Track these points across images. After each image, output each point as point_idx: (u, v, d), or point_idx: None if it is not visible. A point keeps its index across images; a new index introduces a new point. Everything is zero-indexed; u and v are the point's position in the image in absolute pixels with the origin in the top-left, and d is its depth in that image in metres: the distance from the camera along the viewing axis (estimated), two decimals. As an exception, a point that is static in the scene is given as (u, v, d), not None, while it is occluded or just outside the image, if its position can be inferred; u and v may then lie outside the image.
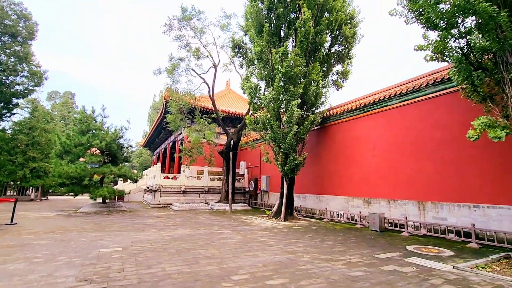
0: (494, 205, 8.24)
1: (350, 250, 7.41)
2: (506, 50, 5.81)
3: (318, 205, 15.28)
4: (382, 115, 12.30)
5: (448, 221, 9.34)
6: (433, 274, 5.45)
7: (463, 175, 9.09)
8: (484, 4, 5.45)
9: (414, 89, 10.83)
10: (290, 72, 12.57)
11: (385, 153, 11.89)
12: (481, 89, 6.63)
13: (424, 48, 7.49)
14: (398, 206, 11.11)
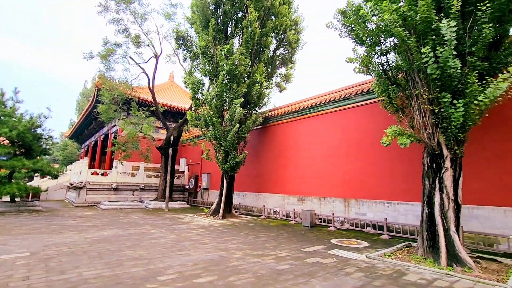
0: (402, 202, 9.61)
1: (281, 245, 7.81)
2: (414, 70, 6.80)
3: (257, 203, 15.70)
4: (318, 119, 13.24)
5: (367, 216, 10.56)
6: (349, 263, 6.10)
7: (380, 176, 10.37)
8: (398, 29, 6.28)
9: (346, 97, 11.94)
10: (235, 71, 12.62)
11: (319, 155, 12.84)
12: (395, 102, 7.66)
13: (353, 61, 8.30)
14: (327, 203, 12.12)
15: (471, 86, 5.85)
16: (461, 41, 6.16)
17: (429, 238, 6.75)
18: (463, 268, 5.91)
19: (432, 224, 6.70)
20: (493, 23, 5.89)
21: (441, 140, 6.65)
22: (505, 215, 7.53)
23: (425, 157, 7.13)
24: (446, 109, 6.12)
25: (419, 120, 6.90)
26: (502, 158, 7.72)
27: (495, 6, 5.70)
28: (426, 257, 6.62)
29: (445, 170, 6.62)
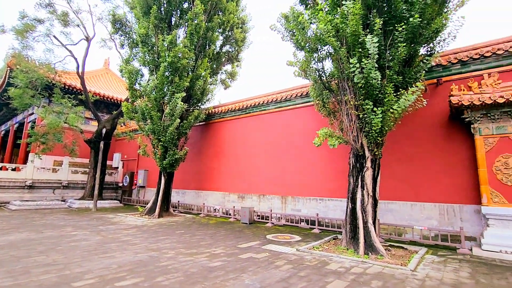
0: (332, 198, 10.48)
1: (217, 242, 7.78)
2: (344, 78, 7.47)
3: (197, 201, 15.36)
4: (261, 118, 13.56)
5: (301, 212, 11.23)
6: (280, 257, 6.40)
7: (314, 175, 11.13)
8: (332, 39, 6.82)
9: (287, 99, 12.49)
10: (177, 63, 12.10)
11: (261, 153, 13.16)
12: (328, 106, 8.31)
13: (293, 64, 8.73)
14: (266, 201, 12.51)
15: (388, 96, 6.68)
16: (382, 56, 6.98)
17: (351, 230, 7.50)
18: (376, 255, 6.71)
19: (354, 217, 7.45)
20: (407, 43, 6.82)
21: (364, 143, 7.44)
22: (411, 208, 8.81)
23: (351, 158, 7.90)
24: (368, 115, 6.85)
25: (347, 123, 7.61)
26: (411, 160, 9.01)
27: (408, 28, 6.59)
28: (348, 248, 7.34)
29: (366, 169, 7.43)
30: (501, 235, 7.05)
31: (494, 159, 7.37)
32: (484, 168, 7.47)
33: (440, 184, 8.44)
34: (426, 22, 6.94)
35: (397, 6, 6.78)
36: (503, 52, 7.92)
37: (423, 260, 6.59)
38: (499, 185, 7.24)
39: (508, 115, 7.31)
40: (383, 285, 4.89)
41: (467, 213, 7.94)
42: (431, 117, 8.82)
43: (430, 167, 8.66)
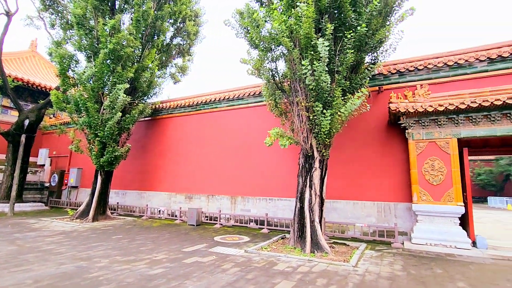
0: (282, 198, 10.59)
1: (160, 247, 7.17)
2: (296, 79, 7.56)
3: (139, 202, 14.19)
4: (212, 116, 13.11)
5: (251, 212, 11.12)
6: (227, 259, 6.13)
7: (265, 174, 11.12)
8: (285, 39, 6.83)
9: (239, 97, 12.29)
10: (120, 51, 10.98)
11: (211, 152, 12.71)
12: (280, 106, 8.34)
13: (247, 62, 8.55)
14: (215, 201, 12.12)
15: (337, 99, 6.94)
16: (332, 60, 7.24)
17: (299, 229, 7.60)
18: (322, 253, 6.90)
19: (302, 217, 7.57)
20: (355, 50, 7.18)
21: (313, 144, 7.62)
22: (354, 207, 9.35)
23: (300, 158, 8.03)
24: (318, 116, 7.02)
25: (298, 124, 7.71)
26: (354, 162, 9.57)
27: (356, 36, 6.94)
28: (295, 247, 7.42)
29: (315, 169, 7.62)
30: (427, 230, 7.88)
31: (423, 161, 8.22)
32: (415, 169, 8.27)
33: (379, 184, 9.12)
34: (372, 32, 7.41)
35: (346, 14, 7.10)
36: (432, 67, 8.90)
37: (363, 255, 6.98)
38: (427, 184, 8.08)
39: (435, 122, 8.22)
40: (328, 283, 4.97)
41: (400, 210, 8.72)
42: (373, 121, 9.50)
43: (371, 168, 9.31)
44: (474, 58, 8.43)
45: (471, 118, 7.84)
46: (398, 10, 7.97)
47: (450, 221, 7.75)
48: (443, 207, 7.76)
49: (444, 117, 8.07)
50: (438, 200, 7.87)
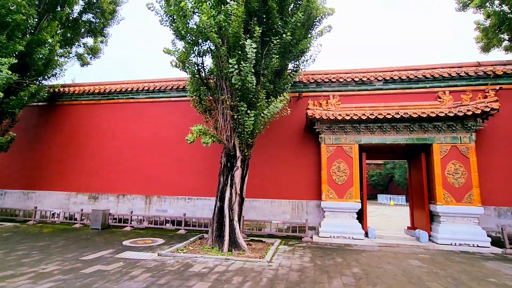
0: (202, 197, 10.30)
1: (50, 257, 6.00)
2: (223, 77, 7.46)
3: (25, 204, 11.69)
4: (128, 107, 11.82)
5: (168, 213, 10.46)
6: (137, 265, 5.57)
7: (185, 173, 10.63)
8: (214, 34, 6.66)
9: (161, 89, 11.44)
10: (6, 17, 8.81)
11: (124, 146, 11.43)
12: (204, 103, 8.09)
13: (171, 53, 8.00)
14: (126, 201, 10.94)
15: (261, 101, 7.14)
16: (259, 63, 7.42)
17: (218, 228, 7.51)
18: (239, 251, 6.97)
19: (221, 216, 7.51)
20: (280, 56, 7.53)
21: (236, 143, 7.64)
22: (271, 205, 9.81)
23: (223, 157, 7.95)
24: (242, 116, 7.08)
25: (222, 123, 7.62)
26: (274, 162, 10.05)
27: (282, 43, 7.28)
28: (213, 246, 7.29)
29: (236, 169, 7.66)
30: (332, 224, 8.86)
31: (332, 163, 9.23)
32: (325, 170, 9.22)
33: (295, 183, 9.81)
34: (295, 41, 7.92)
35: (274, 20, 7.39)
36: (343, 81, 10.11)
37: (278, 251, 7.37)
38: (333, 184, 9.10)
39: (342, 129, 9.33)
40: (243, 280, 5.02)
41: (311, 207, 9.58)
42: (292, 125, 10.18)
43: (289, 169, 9.94)
44: (373, 77, 9.95)
45: (369, 128, 9.20)
46: (319, 25, 8.77)
47: (349, 215, 8.91)
48: (345, 203, 8.88)
49: (349, 126, 9.25)
50: (342, 198, 8.95)
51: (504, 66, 9.35)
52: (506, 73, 9.22)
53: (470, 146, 8.59)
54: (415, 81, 9.75)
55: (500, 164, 8.79)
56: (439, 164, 8.67)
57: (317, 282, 5.07)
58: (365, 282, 5.12)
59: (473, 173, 8.43)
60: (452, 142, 8.71)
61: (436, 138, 8.82)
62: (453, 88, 9.46)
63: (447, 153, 8.69)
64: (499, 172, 8.75)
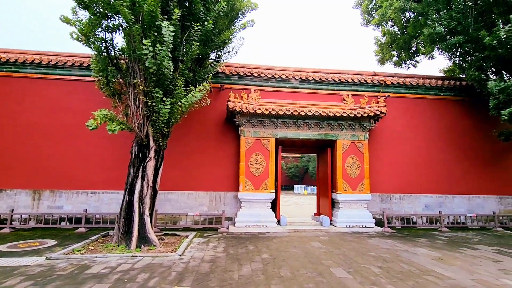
0: (109, 190, 9.26)
1: None
2: (135, 58, 6.77)
3: None
4: (9, 82, 9.61)
5: (64, 209, 9.05)
6: (15, 273, 4.64)
7: (87, 163, 9.34)
8: (125, 9, 5.97)
9: (58, 65, 9.67)
10: None
11: (2, 131, 9.30)
12: (113, 86, 7.22)
13: (71, 23, 6.83)
14: (6, 197, 8.99)
15: (179, 89, 6.78)
16: (177, 48, 7.01)
17: (125, 224, 6.89)
18: (149, 247, 6.56)
19: (130, 210, 6.90)
20: (201, 43, 7.27)
21: (149, 132, 7.10)
22: (188, 197, 9.54)
23: (134, 146, 7.29)
24: (157, 104, 6.59)
25: (133, 109, 6.94)
26: (193, 153, 9.76)
27: (203, 30, 7.04)
28: (119, 244, 6.67)
29: (149, 159, 7.13)
30: (248, 214, 9.18)
31: (250, 156, 9.52)
32: (243, 162, 9.44)
33: (213, 175, 9.75)
34: (218, 31, 7.78)
35: (196, 5, 7.07)
36: (264, 76, 10.46)
37: (191, 243, 7.23)
38: (251, 175, 9.40)
39: (261, 123, 9.69)
40: (150, 277, 4.75)
41: (229, 199, 9.70)
42: (213, 116, 10.05)
43: (208, 160, 9.80)
44: (291, 76, 10.62)
45: (285, 123, 9.81)
46: (242, 18, 8.81)
47: (264, 205, 9.39)
48: (261, 194, 9.31)
49: (268, 120, 9.68)
50: (258, 189, 9.35)
51: (392, 78, 11.23)
52: (393, 84, 11.09)
53: (365, 143, 10.08)
54: (326, 83, 10.83)
55: (385, 159, 10.59)
56: (341, 158, 9.91)
57: (227, 271, 5.17)
58: (272, 266, 5.47)
59: (365, 166, 9.93)
60: (352, 139, 10.04)
61: (339, 135, 10.02)
62: (355, 92, 10.89)
63: (347, 148, 9.99)
64: (383, 165, 10.53)
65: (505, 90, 8.64)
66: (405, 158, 10.69)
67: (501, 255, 6.62)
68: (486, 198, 10.80)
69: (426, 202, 10.57)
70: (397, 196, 10.49)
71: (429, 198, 10.59)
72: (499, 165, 11.06)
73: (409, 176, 10.61)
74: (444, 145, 10.97)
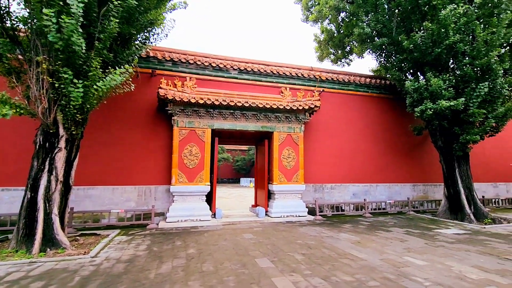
0: (9, 187, 7.85)
1: None
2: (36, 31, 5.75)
3: None
4: None
5: (-49, 212, 7.45)
6: None
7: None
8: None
9: None
10: None
11: None
12: (9, 62, 6.05)
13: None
14: None
15: (94, 70, 5.97)
16: (93, 24, 6.16)
17: (27, 226, 5.91)
18: (57, 250, 5.75)
19: (33, 209, 5.94)
20: (123, 21, 6.51)
21: (58, 118, 6.17)
22: (113, 192, 8.68)
23: (38, 135, 6.27)
24: (66, 86, 5.72)
25: (36, 92, 5.92)
26: (119, 144, 8.88)
27: (125, 6, 6.30)
28: (18, 249, 5.71)
29: (58, 150, 6.21)
30: (181, 208, 8.75)
31: (184, 147, 9.05)
32: (176, 154, 8.93)
33: (143, 167, 9.04)
34: (144, 9, 7.07)
35: (115, -24, 6.28)
36: (201, 64, 9.99)
37: (111, 242, 6.57)
38: (184, 168, 8.95)
39: (197, 113, 9.27)
40: (46, 285, 4.11)
41: (160, 193, 9.12)
42: (144, 104, 9.27)
43: (136, 152, 9.04)
44: (229, 66, 10.36)
45: (222, 114, 9.55)
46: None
47: (199, 198, 9.06)
48: (195, 187, 8.94)
49: (203, 110, 9.29)
50: (192, 181, 8.96)
51: (327, 74, 11.76)
52: (328, 79, 11.63)
53: (300, 135, 10.39)
54: (265, 75, 10.84)
55: (319, 151, 11.09)
56: (277, 150, 10.06)
57: (144, 270, 4.77)
58: (196, 261, 5.22)
59: (300, 157, 10.25)
60: (288, 131, 10.26)
61: (276, 127, 10.15)
62: (293, 86, 11.12)
63: (283, 140, 10.18)
64: (317, 157, 11.03)
65: (418, 89, 9.67)
66: (337, 150, 11.36)
67: (408, 235, 7.43)
68: (403, 186, 12.13)
69: (354, 190, 11.42)
70: (329, 186, 11.12)
71: (356, 187, 11.47)
72: (414, 156, 12.49)
73: (340, 167, 11.31)
74: (370, 138, 11.95)
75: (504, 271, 4.75)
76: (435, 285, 4.13)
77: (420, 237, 7.22)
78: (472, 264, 5.12)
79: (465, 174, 10.17)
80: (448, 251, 5.94)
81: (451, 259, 5.41)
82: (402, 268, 4.86)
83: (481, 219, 9.38)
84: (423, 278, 4.41)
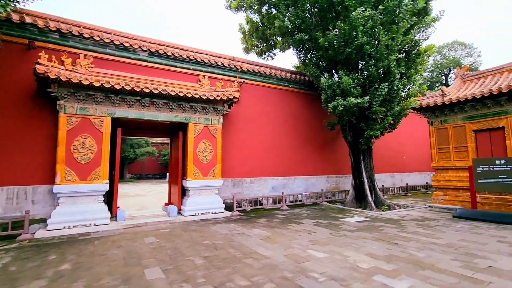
0: None
1: None
2: None
3: None
4: None
5: None
6: None
7: None
8: None
9: None
10: None
11: None
12: None
13: None
14: None
15: None
16: None
17: None
18: None
19: None
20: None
21: None
22: (-33, 197, 6.62)
23: None
24: None
25: None
26: None
27: None
28: None
29: None
30: (69, 212, 7.23)
31: (74, 138, 7.49)
32: (63, 147, 7.33)
33: (15, 163, 7.16)
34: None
35: None
36: (99, 40, 8.43)
37: None
38: (74, 163, 7.42)
39: (92, 98, 7.77)
40: None
41: (41, 195, 7.39)
42: (17, 84, 7.32)
43: (7, 144, 7.09)
44: (137, 46, 9.04)
45: (126, 100, 8.25)
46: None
47: (94, 199, 7.66)
48: (89, 186, 7.51)
49: (102, 95, 7.85)
50: (85, 179, 7.50)
51: (249, 65, 11.41)
52: (249, 71, 11.29)
53: (218, 128, 9.79)
54: (180, 60, 9.85)
55: (238, 144, 10.72)
56: (193, 143, 9.27)
57: (-22, 303, 3.48)
58: (63, 281, 4.14)
59: (218, 151, 9.68)
60: (205, 123, 9.55)
61: (192, 118, 9.33)
62: (212, 75, 10.43)
63: (200, 132, 9.43)
64: (236, 150, 10.64)
65: (331, 86, 10.10)
66: (257, 143, 11.18)
67: (317, 227, 7.61)
68: (318, 178, 12.75)
69: (273, 184, 11.45)
70: (248, 180, 10.88)
71: (275, 181, 11.53)
72: (328, 150, 13.26)
73: (259, 160, 11.17)
74: (290, 132, 12.15)
75: (390, 256, 5.05)
76: (329, 280, 4.05)
77: (327, 227, 7.46)
78: (366, 251, 5.34)
79: (368, 166, 11.16)
80: (348, 240, 6.17)
81: (349, 248, 5.58)
82: (303, 264, 4.73)
83: (380, 206, 10.41)
84: (320, 273, 4.32)
